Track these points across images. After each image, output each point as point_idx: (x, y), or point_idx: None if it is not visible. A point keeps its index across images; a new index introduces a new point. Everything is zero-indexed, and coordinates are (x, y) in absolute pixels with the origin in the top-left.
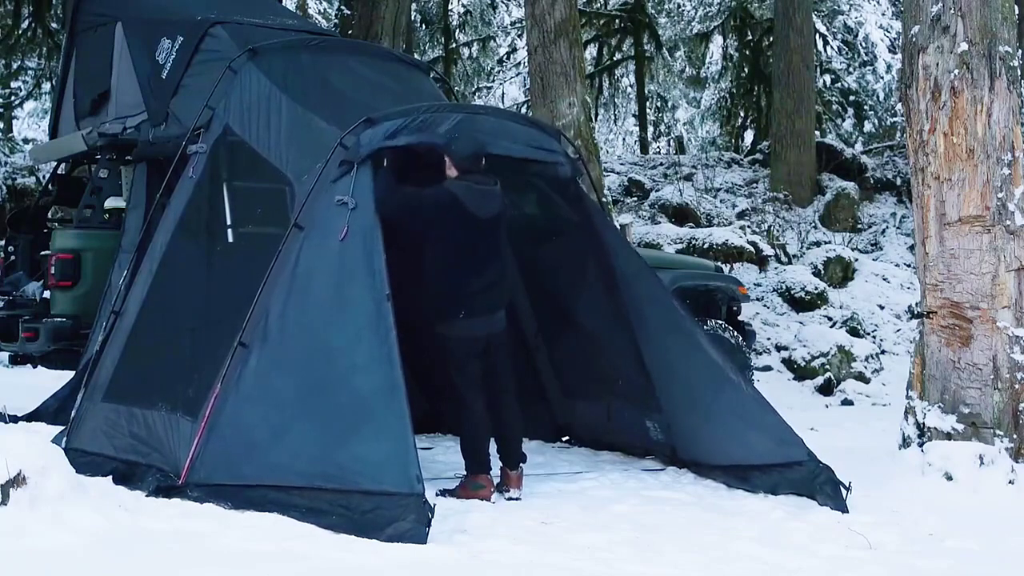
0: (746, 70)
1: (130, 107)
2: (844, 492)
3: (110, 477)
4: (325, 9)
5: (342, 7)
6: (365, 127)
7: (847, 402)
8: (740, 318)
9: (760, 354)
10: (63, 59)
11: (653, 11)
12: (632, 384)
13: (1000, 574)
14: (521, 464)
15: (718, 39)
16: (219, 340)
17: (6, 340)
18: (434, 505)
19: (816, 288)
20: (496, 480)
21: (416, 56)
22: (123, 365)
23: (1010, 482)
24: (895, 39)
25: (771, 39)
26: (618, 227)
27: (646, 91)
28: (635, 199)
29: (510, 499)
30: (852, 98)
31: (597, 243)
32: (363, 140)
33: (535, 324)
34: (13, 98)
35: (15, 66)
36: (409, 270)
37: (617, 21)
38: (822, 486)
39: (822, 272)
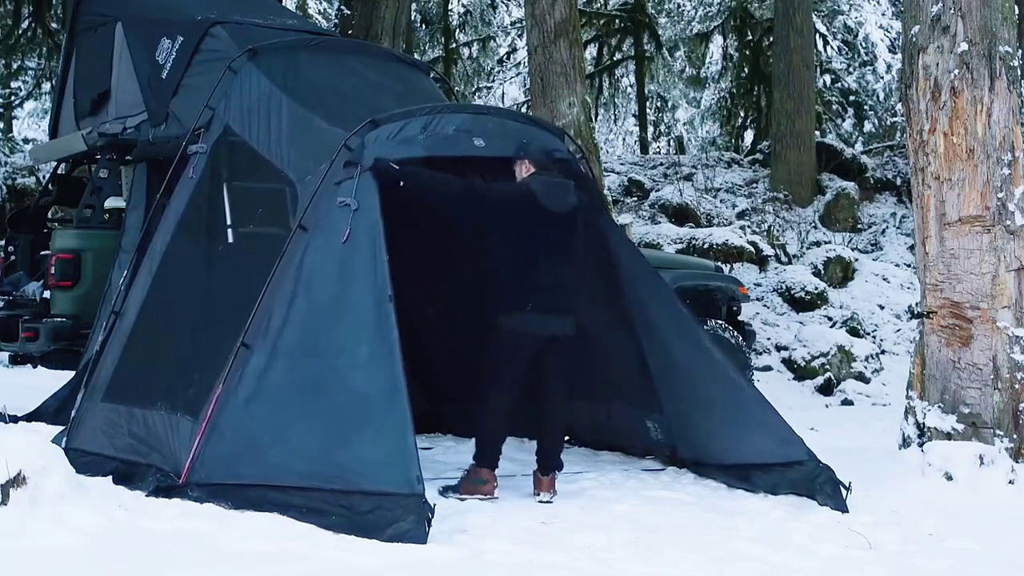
0: (746, 70)
1: (130, 107)
2: (844, 492)
3: (110, 477)
4: (325, 9)
5: (342, 7)
6: (369, 129)
7: (847, 402)
8: (740, 318)
9: (760, 354)
10: (63, 59)
11: (653, 11)
12: (632, 384)
13: (1000, 574)
14: (555, 471)
15: (718, 39)
16: (219, 340)
17: (6, 340)
18: (434, 505)
19: (816, 288)
20: (498, 477)
21: (416, 56)
22: (123, 365)
23: (1010, 482)
24: (895, 39)
25: (771, 39)
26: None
27: (646, 91)
28: (635, 199)
29: (541, 502)
30: (852, 98)
31: (600, 243)
32: (367, 142)
33: None
34: (13, 98)
35: (15, 66)
36: (411, 270)
37: (617, 21)
38: (822, 486)
39: (822, 272)
